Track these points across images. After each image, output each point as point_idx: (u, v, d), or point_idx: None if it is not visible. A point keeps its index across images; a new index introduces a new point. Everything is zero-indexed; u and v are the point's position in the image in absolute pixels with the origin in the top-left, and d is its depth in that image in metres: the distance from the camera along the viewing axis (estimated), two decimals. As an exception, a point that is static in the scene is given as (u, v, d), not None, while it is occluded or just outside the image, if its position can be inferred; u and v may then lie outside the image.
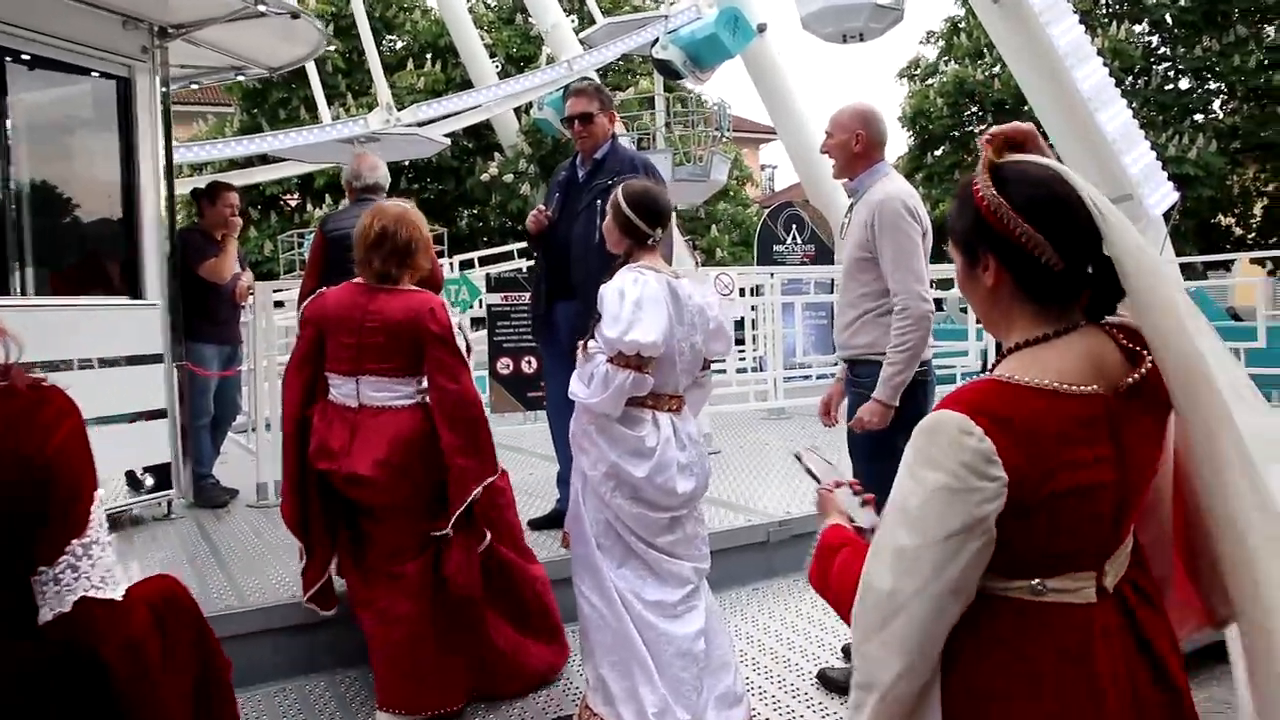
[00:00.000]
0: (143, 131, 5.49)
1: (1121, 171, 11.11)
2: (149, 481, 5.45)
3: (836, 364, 4.18)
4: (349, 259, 3.60)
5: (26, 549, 1.53)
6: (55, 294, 5.26)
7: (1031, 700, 1.50)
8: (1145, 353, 1.53)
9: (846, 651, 3.97)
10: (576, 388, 3.25)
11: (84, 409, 5.12)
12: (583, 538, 3.33)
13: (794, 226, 14.71)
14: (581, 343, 3.29)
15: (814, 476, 1.97)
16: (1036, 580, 1.51)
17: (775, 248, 14.83)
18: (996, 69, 22.50)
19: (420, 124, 14.99)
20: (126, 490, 5.37)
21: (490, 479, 3.37)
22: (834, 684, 3.81)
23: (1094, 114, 11.07)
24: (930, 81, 24.79)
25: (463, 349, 3.38)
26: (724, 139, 19.23)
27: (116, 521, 5.41)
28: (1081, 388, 1.47)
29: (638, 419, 3.25)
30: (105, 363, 5.18)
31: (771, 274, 9.28)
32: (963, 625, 1.51)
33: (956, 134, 24.35)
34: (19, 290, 5.09)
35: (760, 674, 3.91)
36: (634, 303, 3.13)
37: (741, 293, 9.02)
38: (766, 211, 16.24)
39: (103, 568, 1.56)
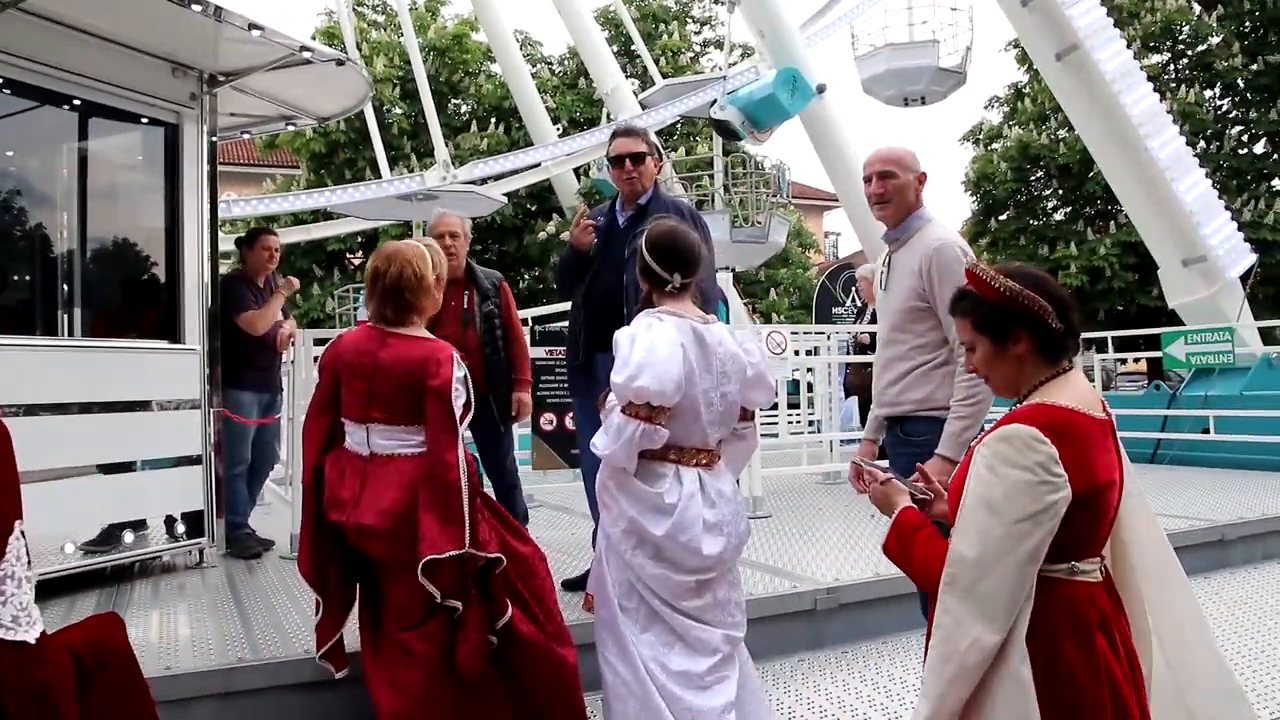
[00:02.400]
0: (188, 178, 5.48)
1: (1199, 238, 10.75)
2: (181, 529, 5.36)
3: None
4: None
5: None
6: (98, 336, 5.23)
7: (1052, 682, 1.90)
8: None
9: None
10: (597, 439, 3.06)
11: (123, 451, 5.02)
12: (606, 600, 3.10)
13: (853, 288, 14.47)
14: (602, 394, 3.11)
15: (875, 471, 2.34)
16: (1070, 564, 1.97)
17: (834, 309, 14.64)
18: (1062, 132, 22.15)
19: (478, 181, 15.10)
20: (165, 536, 5.29)
21: (447, 551, 3.03)
22: None
23: (1171, 184, 10.73)
24: (994, 146, 24.47)
25: (458, 408, 3.16)
26: (783, 202, 19.09)
27: (148, 568, 5.32)
28: (1094, 413, 2.02)
29: (657, 474, 3.04)
30: (143, 406, 5.14)
31: (827, 335, 9.04)
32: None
33: (1022, 198, 23.97)
34: (66, 331, 5.08)
35: (801, 753, 3.60)
36: (645, 348, 2.94)
37: (796, 354, 8.80)
38: (825, 273, 16.04)
39: (15, 605, 1.38)
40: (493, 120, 23.29)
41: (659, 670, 3.00)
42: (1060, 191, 23.77)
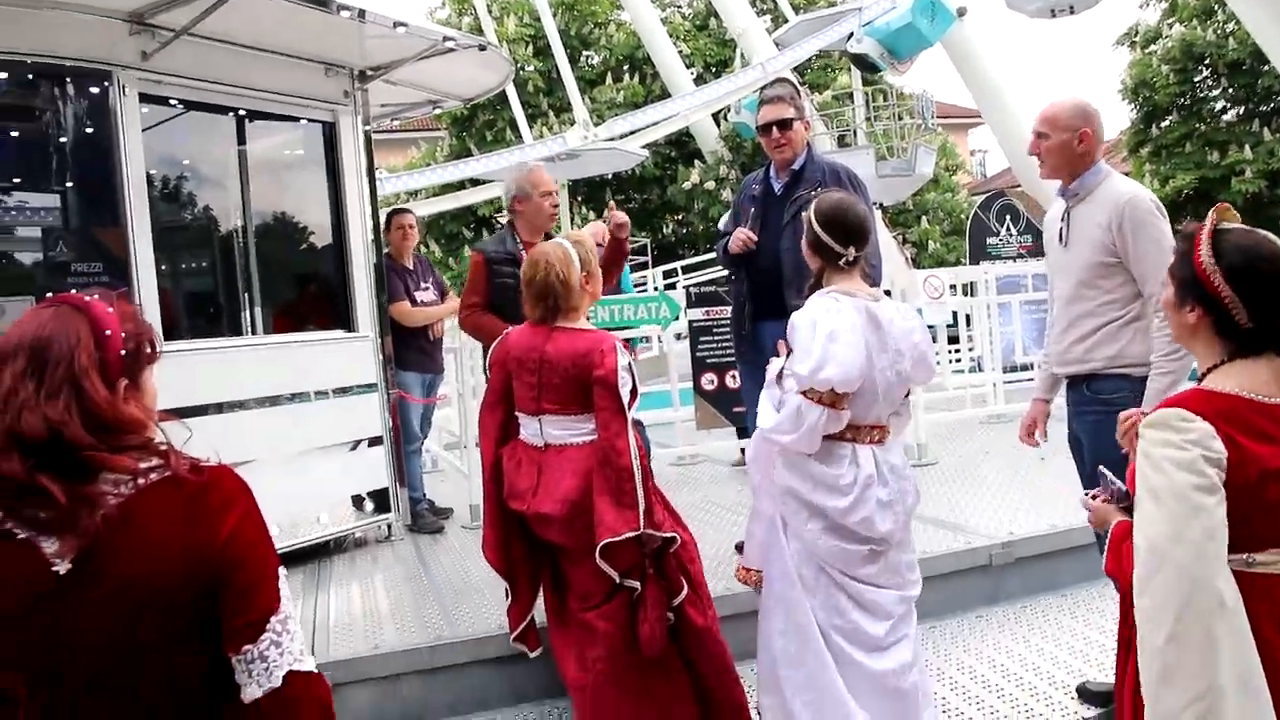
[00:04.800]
0: (348, 170, 5.73)
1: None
2: (369, 506, 5.70)
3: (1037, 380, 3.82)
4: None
5: (220, 632, 1.53)
6: (279, 332, 5.56)
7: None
8: None
9: (1081, 692, 3.62)
10: (767, 417, 3.08)
11: (310, 438, 5.37)
12: (781, 571, 3.12)
13: (1008, 218, 13.96)
14: (777, 371, 3.12)
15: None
16: (1247, 555, 1.86)
17: (989, 240, 14.13)
18: (1230, 25, 20.56)
19: (617, 138, 15.15)
20: (354, 513, 5.64)
21: (624, 534, 3.13)
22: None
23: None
24: (1153, 48, 22.90)
25: (625, 395, 3.24)
26: (928, 131, 18.48)
27: (342, 543, 5.68)
28: (1265, 399, 1.90)
29: (836, 456, 3.03)
30: (325, 394, 5.46)
31: (985, 272, 8.79)
32: None
33: (1186, 101, 22.41)
34: (250, 330, 5.42)
35: (983, 712, 3.61)
36: (826, 335, 2.91)
37: (953, 291, 8.59)
38: (978, 203, 15.49)
39: (299, 640, 1.56)
40: (626, 70, 23.26)
41: (839, 637, 3.02)
42: (1230, 90, 22.12)
